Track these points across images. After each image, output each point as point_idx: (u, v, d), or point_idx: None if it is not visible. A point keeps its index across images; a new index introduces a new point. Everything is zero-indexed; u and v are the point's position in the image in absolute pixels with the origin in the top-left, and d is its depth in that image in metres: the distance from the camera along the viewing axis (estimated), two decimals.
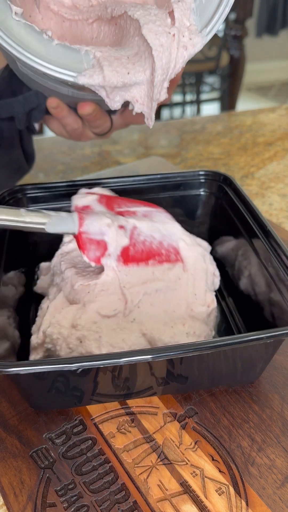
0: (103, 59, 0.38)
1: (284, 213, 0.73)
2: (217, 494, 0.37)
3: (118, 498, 0.37)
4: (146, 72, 0.39)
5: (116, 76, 0.38)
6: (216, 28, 0.40)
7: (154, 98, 0.40)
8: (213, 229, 0.60)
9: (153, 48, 0.37)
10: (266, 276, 0.47)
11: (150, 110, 0.41)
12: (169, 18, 0.38)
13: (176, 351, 0.37)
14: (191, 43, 0.39)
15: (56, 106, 0.50)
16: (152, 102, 0.40)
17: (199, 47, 0.39)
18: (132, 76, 0.39)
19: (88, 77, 0.39)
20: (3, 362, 0.36)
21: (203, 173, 0.59)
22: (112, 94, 0.40)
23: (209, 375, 0.44)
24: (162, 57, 0.38)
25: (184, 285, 0.49)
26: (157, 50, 0.37)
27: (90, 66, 0.39)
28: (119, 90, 0.40)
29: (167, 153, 0.91)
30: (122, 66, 0.39)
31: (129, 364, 0.39)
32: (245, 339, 0.38)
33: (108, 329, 0.44)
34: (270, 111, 1.07)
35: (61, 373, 0.39)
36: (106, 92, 0.40)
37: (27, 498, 0.37)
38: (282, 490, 0.38)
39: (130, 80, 0.39)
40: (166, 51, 0.38)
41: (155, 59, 0.38)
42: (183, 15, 0.39)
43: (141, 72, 0.39)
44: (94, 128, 0.54)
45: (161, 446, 0.41)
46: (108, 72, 0.38)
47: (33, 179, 0.82)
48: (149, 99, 0.40)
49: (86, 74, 0.39)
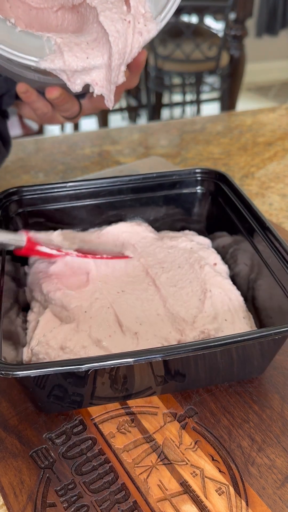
0: (64, 44, 0.41)
1: (284, 213, 0.73)
2: (217, 494, 0.37)
3: (118, 498, 0.37)
4: (104, 56, 0.42)
5: (76, 60, 0.41)
6: (169, 15, 0.43)
7: (112, 81, 0.42)
8: (211, 226, 0.60)
9: (109, 34, 0.40)
10: (266, 271, 0.47)
11: (109, 92, 0.43)
12: (125, 6, 0.41)
13: (187, 349, 0.38)
14: (146, 29, 0.41)
15: (25, 91, 0.51)
16: (111, 84, 0.43)
17: (154, 33, 0.42)
18: (91, 61, 0.41)
19: (50, 62, 0.41)
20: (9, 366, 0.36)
21: (199, 171, 0.59)
22: (73, 77, 0.42)
23: (214, 372, 0.44)
24: (118, 42, 0.40)
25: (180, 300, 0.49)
26: (113, 35, 0.40)
27: (51, 52, 0.41)
28: (80, 74, 0.42)
29: (167, 153, 0.91)
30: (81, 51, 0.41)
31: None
32: (255, 336, 0.39)
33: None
34: (270, 111, 1.07)
35: (64, 376, 0.39)
36: (67, 76, 0.42)
37: (27, 498, 0.37)
38: (282, 490, 0.38)
39: (89, 64, 0.41)
40: (122, 36, 0.40)
41: (111, 44, 0.40)
42: (138, 2, 0.41)
43: (99, 57, 0.42)
44: (63, 112, 0.56)
45: (161, 446, 0.40)
46: (68, 57, 0.41)
47: (33, 179, 0.82)
48: (108, 82, 0.43)
49: (47, 59, 0.41)
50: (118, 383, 0.41)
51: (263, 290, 0.48)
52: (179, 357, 0.39)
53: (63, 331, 0.44)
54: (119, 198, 0.58)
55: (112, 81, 0.42)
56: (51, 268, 0.52)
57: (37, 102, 0.53)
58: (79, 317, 0.46)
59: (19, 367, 0.37)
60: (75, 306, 0.47)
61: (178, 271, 0.52)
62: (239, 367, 0.44)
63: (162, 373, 0.42)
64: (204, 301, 0.48)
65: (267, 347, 0.43)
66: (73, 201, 0.57)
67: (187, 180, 0.59)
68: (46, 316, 0.47)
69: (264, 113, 1.06)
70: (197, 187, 0.59)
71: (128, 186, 0.58)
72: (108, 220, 0.59)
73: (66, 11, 0.47)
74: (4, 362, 0.37)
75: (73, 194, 0.57)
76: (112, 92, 0.43)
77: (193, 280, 0.51)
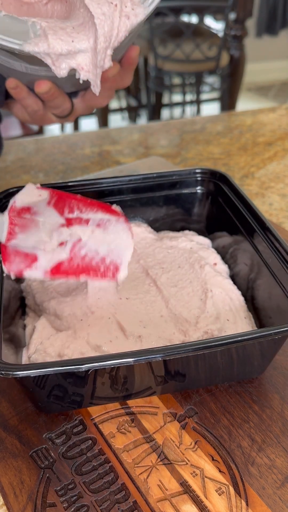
0: (49, 28, 0.40)
1: (284, 213, 0.73)
2: (217, 494, 0.37)
3: (118, 498, 0.37)
4: (90, 40, 0.41)
5: (61, 43, 0.40)
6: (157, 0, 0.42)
7: (98, 65, 0.42)
8: (211, 226, 0.60)
9: (94, 16, 0.40)
10: (266, 271, 0.47)
11: (96, 77, 0.43)
12: None
13: (187, 349, 0.38)
14: (133, 13, 0.41)
15: (15, 86, 0.51)
16: (97, 69, 0.42)
17: (142, 17, 0.41)
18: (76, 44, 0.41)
19: (34, 45, 0.40)
20: (9, 366, 0.36)
21: (199, 171, 0.59)
22: (57, 61, 0.42)
23: (214, 372, 0.44)
24: (104, 25, 0.40)
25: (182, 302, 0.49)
26: (98, 18, 0.40)
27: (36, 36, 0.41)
28: (65, 58, 0.42)
29: (167, 153, 0.91)
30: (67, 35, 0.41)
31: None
32: (255, 336, 0.39)
33: None
34: (270, 111, 1.07)
35: (64, 376, 0.39)
36: (51, 60, 0.42)
37: (27, 498, 0.37)
38: (282, 490, 0.38)
39: (74, 47, 0.41)
40: (108, 19, 0.40)
41: (97, 26, 0.40)
42: None
43: (85, 40, 0.41)
44: (54, 109, 0.55)
45: (161, 446, 0.40)
46: (52, 40, 0.40)
47: (33, 179, 0.82)
48: (94, 66, 0.42)
49: (31, 42, 0.40)
50: (118, 383, 0.41)
51: (262, 290, 0.48)
52: (179, 357, 0.39)
53: (60, 338, 0.44)
54: (119, 198, 0.58)
55: (98, 65, 0.42)
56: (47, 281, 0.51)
57: (28, 99, 0.53)
58: (75, 325, 0.45)
59: (19, 367, 0.37)
60: (68, 315, 0.46)
61: (178, 271, 0.52)
62: (239, 367, 0.44)
63: (162, 373, 0.42)
64: (205, 301, 0.48)
65: (267, 347, 0.43)
66: None
67: (187, 180, 0.59)
68: (42, 321, 0.47)
69: (264, 113, 1.06)
70: (197, 187, 0.59)
71: (128, 186, 0.58)
72: None
73: (55, 2, 0.47)
74: (4, 362, 0.37)
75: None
76: (99, 76, 0.42)
77: (193, 280, 0.51)
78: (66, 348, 0.43)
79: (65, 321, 0.46)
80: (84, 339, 0.44)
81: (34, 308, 0.50)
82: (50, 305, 0.48)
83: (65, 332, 0.45)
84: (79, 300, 0.48)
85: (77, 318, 0.46)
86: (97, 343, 0.44)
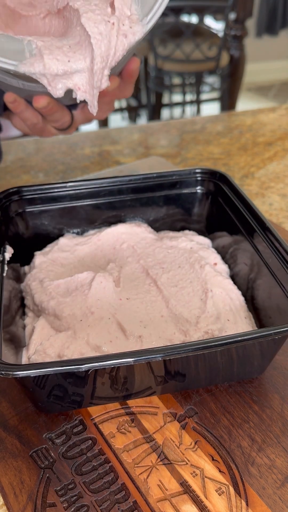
0: (44, 47, 0.40)
1: (284, 213, 0.73)
2: (217, 494, 0.37)
3: (118, 498, 0.37)
4: (86, 59, 0.40)
5: (57, 63, 0.40)
6: (156, 17, 0.41)
7: (95, 85, 0.41)
8: (211, 226, 0.60)
9: (91, 36, 0.39)
10: (266, 271, 0.47)
11: (92, 98, 0.42)
12: (109, 8, 0.40)
13: (187, 349, 0.38)
14: (131, 31, 0.40)
15: (13, 100, 0.50)
16: (94, 89, 0.41)
17: (140, 35, 0.41)
18: (72, 64, 0.40)
19: (29, 65, 0.40)
20: (9, 366, 0.36)
21: (199, 171, 0.59)
22: (53, 82, 0.41)
23: (214, 372, 0.44)
24: (101, 45, 0.39)
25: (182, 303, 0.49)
26: (95, 38, 0.39)
27: (32, 55, 0.40)
28: (61, 78, 0.41)
29: (167, 153, 0.91)
30: (63, 54, 0.40)
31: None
32: (255, 336, 0.39)
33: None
34: (270, 111, 1.07)
35: (64, 376, 0.39)
36: (47, 80, 0.41)
37: (27, 498, 0.37)
38: (282, 490, 0.38)
39: (70, 67, 0.40)
40: (105, 39, 0.39)
41: (93, 46, 0.39)
42: (123, 4, 0.40)
43: (82, 60, 0.40)
44: (53, 122, 0.55)
45: (161, 446, 0.40)
46: (48, 60, 0.39)
47: (33, 179, 0.82)
48: (90, 86, 0.41)
49: (27, 63, 0.40)
50: (118, 383, 0.41)
51: (262, 290, 0.48)
52: (179, 357, 0.39)
53: (60, 338, 0.44)
54: (119, 198, 0.58)
55: (95, 86, 0.41)
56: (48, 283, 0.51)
57: (26, 112, 0.52)
58: (75, 326, 0.45)
59: (19, 367, 0.37)
60: (68, 315, 0.46)
61: (178, 271, 0.52)
62: (239, 367, 0.44)
63: (162, 373, 0.42)
64: (206, 301, 0.48)
65: (267, 347, 0.43)
66: (73, 201, 0.57)
67: (187, 180, 0.59)
68: (41, 322, 0.47)
69: (264, 113, 1.06)
70: (197, 187, 0.59)
71: (128, 186, 0.58)
72: (108, 220, 0.59)
73: (52, 17, 0.47)
74: (4, 362, 0.37)
75: (73, 194, 0.57)
76: (95, 97, 0.42)
77: (193, 280, 0.51)
78: (66, 348, 0.43)
79: (65, 321, 0.46)
80: (84, 340, 0.44)
81: (33, 308, 0.50)
82: (49, 306, 0.48)
83: (65, 333, 0.45)
84: (79, 301, 0.48)
85: (76, 319, 0.46)
86: (97, 343, 0.44)
